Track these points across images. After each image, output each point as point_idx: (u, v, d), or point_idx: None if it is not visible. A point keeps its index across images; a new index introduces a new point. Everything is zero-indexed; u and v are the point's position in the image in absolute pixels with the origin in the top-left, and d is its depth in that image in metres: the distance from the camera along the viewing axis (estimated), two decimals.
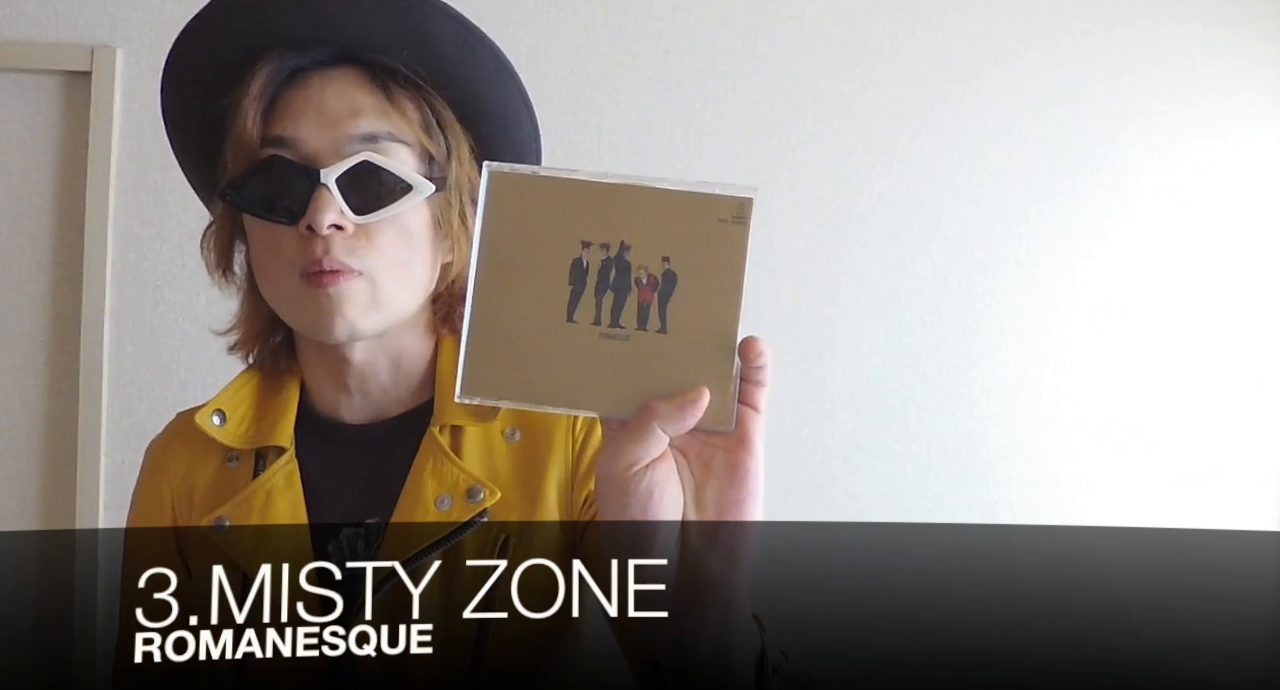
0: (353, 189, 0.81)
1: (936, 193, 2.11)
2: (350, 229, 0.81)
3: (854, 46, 2.12)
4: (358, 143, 0.82)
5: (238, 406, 0.90)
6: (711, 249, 0.63)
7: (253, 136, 0.83)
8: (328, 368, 0.88)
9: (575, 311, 0.62)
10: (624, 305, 0.62)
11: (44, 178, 1.99)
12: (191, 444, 0.90)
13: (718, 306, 0.62)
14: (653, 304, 0.62)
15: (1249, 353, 2.16)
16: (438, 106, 0.86)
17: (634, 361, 0.62)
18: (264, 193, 0.82)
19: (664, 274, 0.63)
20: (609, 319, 0.62)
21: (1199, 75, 2.17)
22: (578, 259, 0.63)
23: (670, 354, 0.62)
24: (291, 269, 0.82)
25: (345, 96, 0.83)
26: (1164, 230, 2.15)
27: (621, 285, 0.62)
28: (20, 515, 1.96)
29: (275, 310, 0.86)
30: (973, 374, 2.11)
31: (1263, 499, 2.13)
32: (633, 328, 0.62)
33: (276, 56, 0.84)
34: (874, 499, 2.06)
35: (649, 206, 0.63)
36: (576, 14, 2.07)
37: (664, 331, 0.62)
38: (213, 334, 0.93)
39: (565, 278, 0.63)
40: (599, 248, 0.63)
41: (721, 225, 0.63)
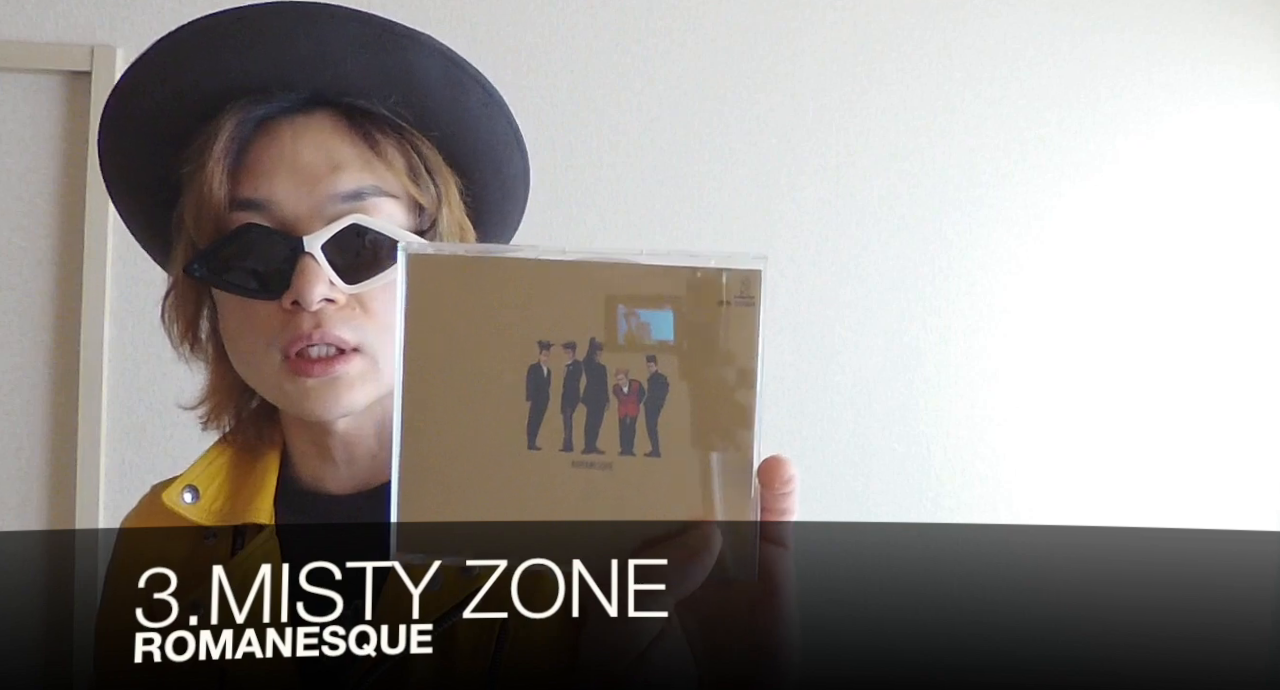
0: (341, 255, 0.71)
1: (937, 193, 2.11)
2: (343, 300, 0.72)
3: (854, 46, 2.12)
4: (341, 202, 0.72)
5: (211, 480, 0.81)
6: (712, 341, 0.49)
7: (219, 201, 0.72)
8: (310, 437, 0.79)
9: (537, 435, 0.49)
10: (601, 423, 0.49)
11: (44, 178, 1.99)
12: (165, 520, 0.80)
13: (725, 417, 0.48)
14: (639, 419, 0.48)
15: (1251, 353, 2.16)
16: (424, 150, 0.77)
17: (619, 497, 0.48)
18: (239, 266, 0.72)
19: (650, 379, 0.49)
20: (582, 443, 0.48)
21: (1200, 75, 2.17)
22: (535, 366, 0.49)
23: (666, 484, 0.48)
24: (272, 347, 0.72)
25: (322, 148, 0.74)
26: (1165, 230, 2.15)
27: (596, 397, 0.49)
28: (21, 515, 1.96)
29: (252, 386, 0.78)
30: (973, 374, 2.11)
31: (1264, 499, 2.12)
32: (614, 453, 0.48)
33: (240, 106, 0.74)
34: (874, 499, 2.06)
35: (625, 291, 0.49)
36: (577, 15, 2.06)
37: (655, 455, 0.48)
38: (181, 410, 0.84)
39: (521, 391, 0.49)
40: (562, 349, 0.49)
41: (723, 309, 0.49)
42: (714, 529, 0.47)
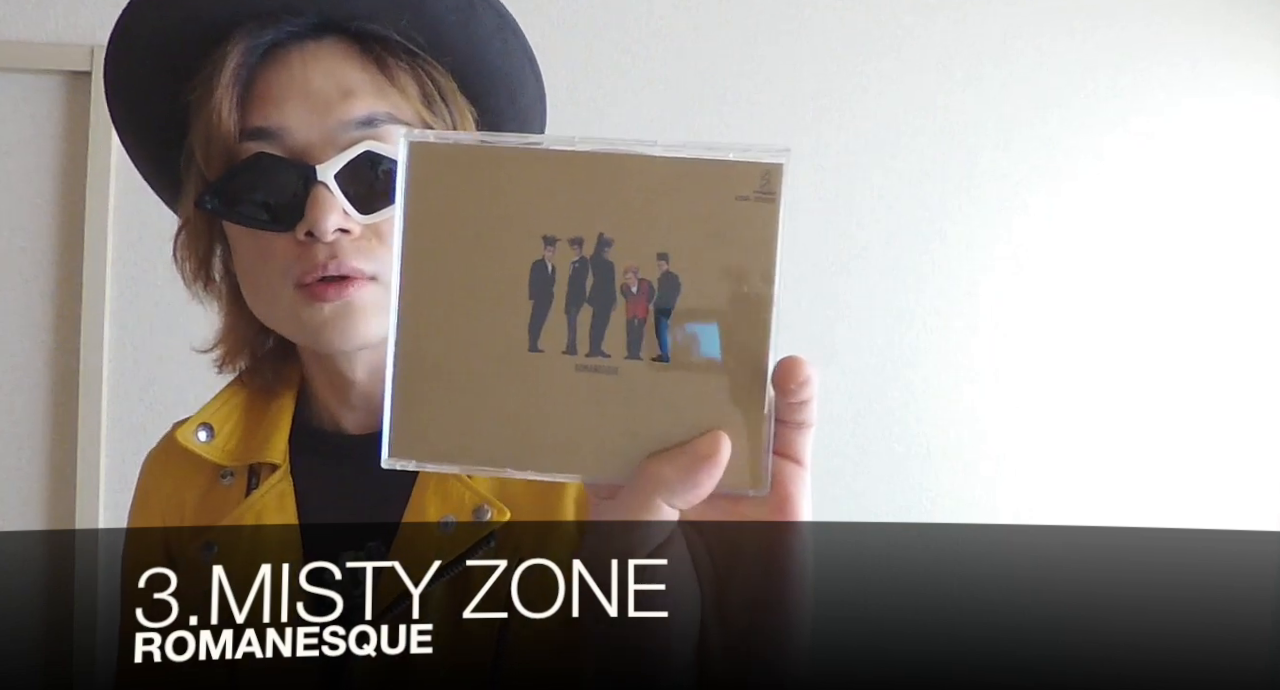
0: (354, 184, 0.70)
1: (937, 192, 2.11)
2: (357, 230, 0.70)
3: (853, 46, 2.12)
4: (354, 129, 0.70)
5: (226, 419, 0.80)
6: (728, 239, 0.45)
7: (229, 130, 0.70)
8: (328, 378, 0.79)
9: (540, 336, 0.46)
10: (607, 325, 0.46)
11: (44, 178, 1.99)
12: (182, 458, 0.80)
13: (740, 319, 0.45)
14: (647, 321, 0.46)
15: (1252, 352, 2.16)
16: (437, 76, 0.75)
17: (624, 403, 0.45)
18: (251, 197, 0.71)
19: (661, 278, 0.46)
20: (587, 345, 0.46)
21: (1201, 73, 2.17)
22: (539, 262, 0.46)
23: (675, 390, 0.45)
24: (287, 278, 0.71)
25: (334, 74, 0.71)
26: (1166, 229, 2.15)
27: (603, 296, 0.46)
28: (21, 515, 1.96)
29: (267, 323, 0.77)
30: (973, 374, 2.11)
31: (1266, 499, 2.12)
32: (620, 356, 0.46)
33: (248, 32, 0.71)
34: (874, 499, 2.06)
35: (637, 183, 0.45)
36: (578, 12, 2.07)
37: (664, 359, 0.46)
38: (195, 352, 0.84)
39: (524, 289, 0.46)
40: (568, 245, 0.46)
41: (741, 204, 0.45)
42: (722, 437, 0.45)
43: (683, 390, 0.46)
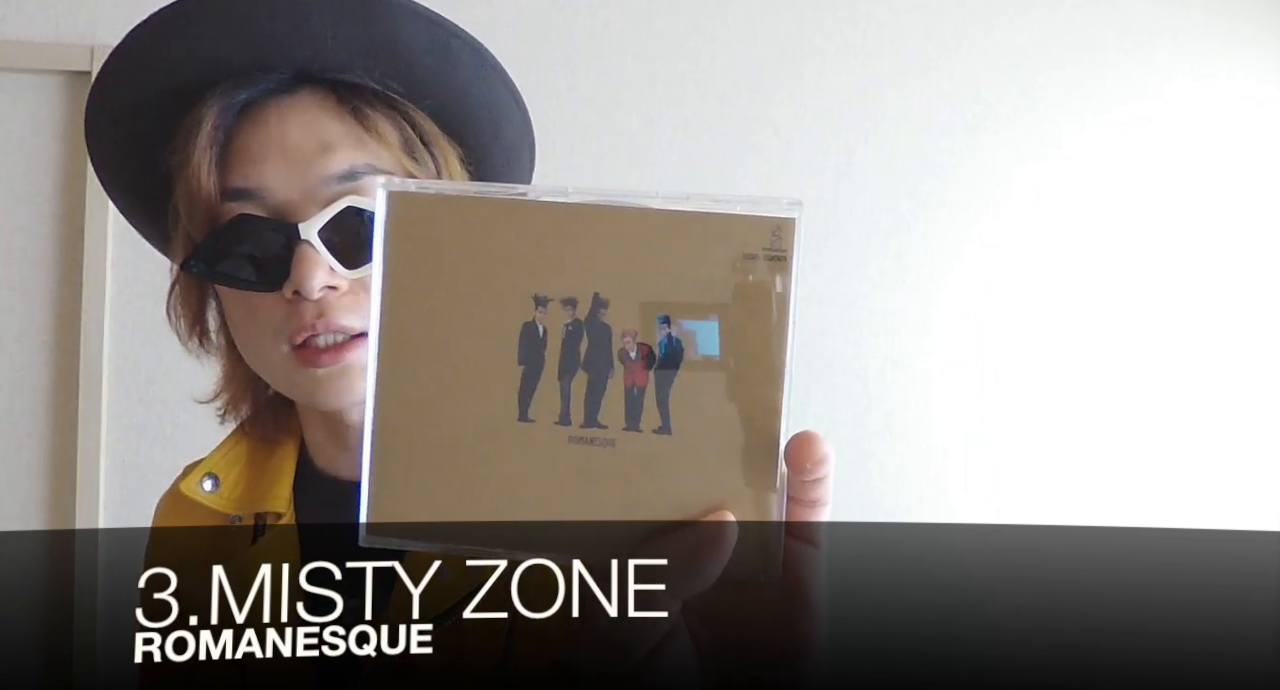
0: (339, 239, 0.68)
1: (938, 192, 2.11)
2: (345, 286, 0.69)
3: (853, 45, 2.12)
4: (335, 184, 0.69)
5: (230, 468, 0.80)
6: (736, 302, 0.41)
7: (210, 192, 0.70)
8: (325, 426, 0.78)
9: (530, 405, 0.42)
10: (603, 393, 0.42)
11: (44, 178, 1.99)
12: (192, 505, 0.80)
13: (749, 388, 0.41)
14: (647, 389, 0.42)
15: (1253, 352, 2.16)
16: (418, 121, 0.73)
17: (622, 479, 0.41)
18: (235, 259, 0.70)
19: (664, 342, 0.42)
20: (582, 415, 0.42)
21: (1202, 71, 2.17)
22: (530, 324, 0.42)
23: (677, 466, 0.41)
24: (278, 339, 0.70)
25: (311, 128, 0.70)
26: (1167, 229, 2.15)
27: (599, 362, 0.42)
28: (21, 515, 1.96)
29: (263, 377, 0.76)
30: (975, 374, 2.11)
31: (1265, 499, 2.12)
32: (618, 427, 0.42)
33: (223, 91, 0.71)
34: (875, 499, 2.06)
35: (635, 239, 0.41)
36: (576, 14, 2.06)
37: (665, 431, 0.42)
38: (183, 410, 0.85)
39: (513, 353, 0.42)
40: (561, 306, 0.42)
41: (750, 263, 0.41)
42: (729, 517, 0.41)
43: (686, 465, 0.41)
